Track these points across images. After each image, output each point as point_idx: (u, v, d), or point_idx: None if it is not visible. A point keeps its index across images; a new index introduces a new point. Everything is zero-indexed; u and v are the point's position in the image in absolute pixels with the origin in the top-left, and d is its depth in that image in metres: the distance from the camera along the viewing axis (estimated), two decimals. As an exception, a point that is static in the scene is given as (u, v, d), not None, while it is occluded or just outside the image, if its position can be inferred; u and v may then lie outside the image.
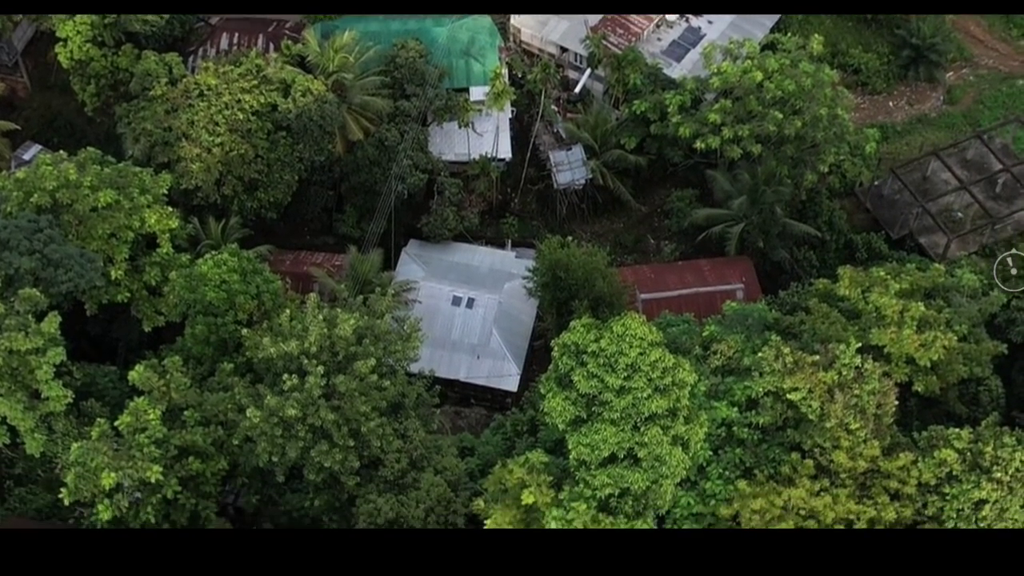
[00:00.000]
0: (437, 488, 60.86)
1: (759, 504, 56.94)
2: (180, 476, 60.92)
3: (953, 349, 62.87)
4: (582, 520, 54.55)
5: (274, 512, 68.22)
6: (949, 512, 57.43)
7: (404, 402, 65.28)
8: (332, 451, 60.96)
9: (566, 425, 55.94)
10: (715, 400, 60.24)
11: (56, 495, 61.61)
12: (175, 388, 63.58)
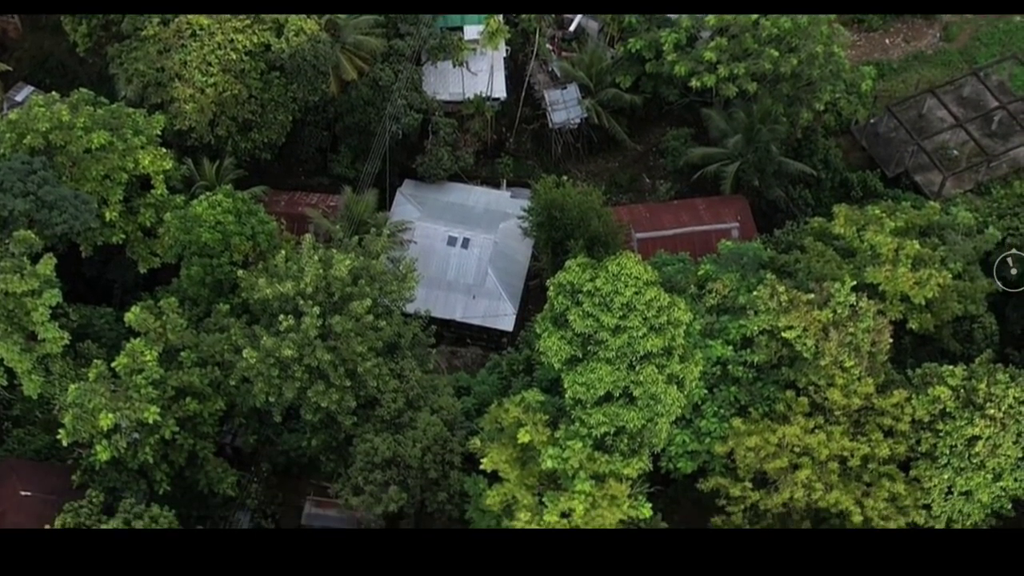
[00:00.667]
0: (433, 427, 61.17)
1: (754, 441, 57.34)
2: (178, 417, 61.20)
3: (948, 287, 62.99)
4: (578, 458, 54.91)
5: (272, 452, 68.65)
6: (942, 449, 57.84)
7: (400, 342, 65.46)
8: (329, 391, 61.21)
9: (562, 364, 56.16)
10: (710, 339, 60.45)
11: (54, 436, 61.94)
12: (171, 329, 63.71)
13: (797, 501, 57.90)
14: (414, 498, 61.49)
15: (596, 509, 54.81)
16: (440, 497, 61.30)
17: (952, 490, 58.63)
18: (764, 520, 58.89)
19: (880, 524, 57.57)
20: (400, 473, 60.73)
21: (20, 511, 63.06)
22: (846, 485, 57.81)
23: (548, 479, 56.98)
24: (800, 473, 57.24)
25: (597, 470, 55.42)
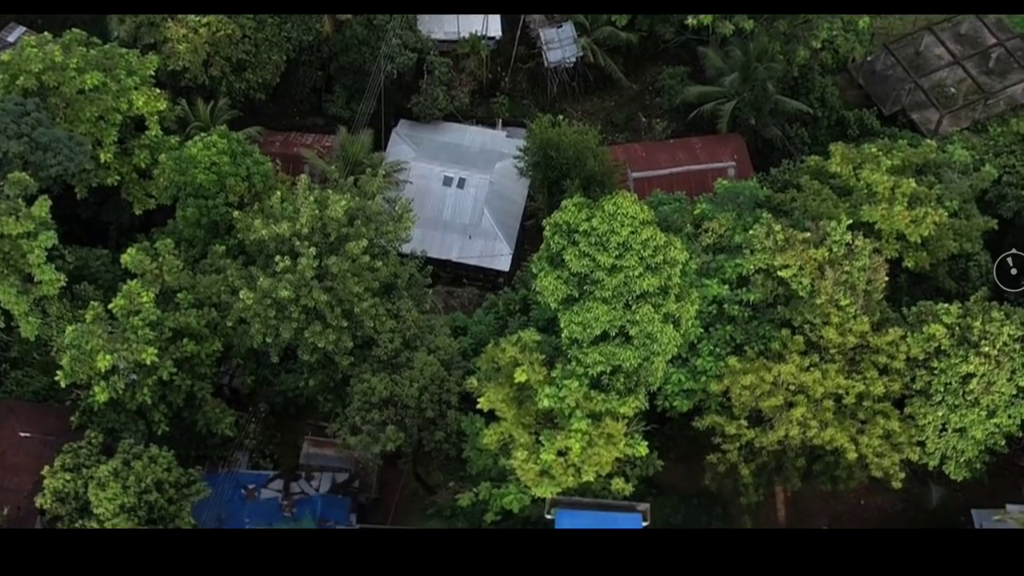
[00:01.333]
0: (431, 367, 61.38)
1: (749, 380, 57.55)
2: (175, 358, 61.37)
3: (943, 225, 63.01)
4: (574, 397, 55.16)
5: (269, 392, 68.88)
6: (937, 386, 58.10)
7: (396, 282, 65.52)
8: (325, 332, 61.35)
9: (558, 304, 56.26)
10: (706, 278, 60.52)
11: (52, 378, 62.13)
12: (167, 271, 63.74)
13: (792, 439, 58.26)
14: (411, 437, 61.83)
15: (592, 447, 55.16)
16: (437, 436, 61.65)
17: (946, 427, 58.98)
18: (759, 458, 59.28)
19: (874, 461, 57.98)
20: (397, 413, 61.00)
21: (19, 452, 63.46)
22: (841, 423, 58.13)
23: (545, 418, 57.28)
24: (795, 411, 57.53)
25: (593, 409, 55.70)
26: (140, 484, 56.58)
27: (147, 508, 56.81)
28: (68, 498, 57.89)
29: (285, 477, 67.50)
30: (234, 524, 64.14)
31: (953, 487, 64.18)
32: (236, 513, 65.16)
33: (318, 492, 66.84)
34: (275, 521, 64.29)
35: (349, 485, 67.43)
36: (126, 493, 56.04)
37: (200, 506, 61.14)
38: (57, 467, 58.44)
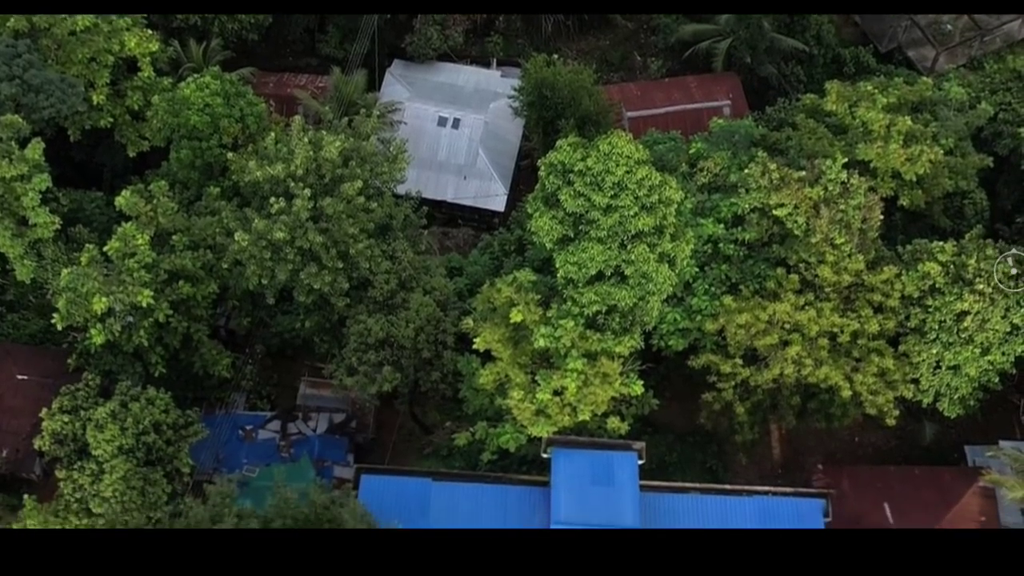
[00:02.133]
0: (426, 308, 61.47)
1: (744, 319, 57.70)
2: (171, 300, 61.40)
3: (939, 163, 62.92)
4: (570, 337, 55.33)
5: (265, 334, 69.00)
6: (931, 324, 58.31)
7: (392, 223, 65.46)
8: (321, 273, 61.38)
9: (553, 244, 56.30)
10: (701, 217, 60.51)
11: (49, 320, 62.18)
12: (162, 213, 63.61)
13: (787, 377, 58.53)
14: (408, 378, 62.04)
15: (588, 387, 55.41)
16: (434, 376, 61.87)
17: (940, 364, 59.23)
18: (754, 396, 59.57)
19: (869, 399, 58.29)
20: (394, 353, 61.18)
21: (17, 395, 63.71)
22: (836, 361, 58.36)
23: (541, 358, 57.49)
24: (790, 349, 57.75)
25: (589, 348, 55.90)
26: (138, 426, 56.80)
27: (145, 449, 57.09)
28: (66, 440, 58.14)
29: (282, 418, 67.80)
30: (232, 465, 64.49)
31: (947, 424, 64.57)
32: (234, 454, 65.52)
33: (315, 433, 67.16)
34: (273, 461, 64.65)
35: (346, 425, 67.76)
36: (124, 435, 56.27)
37: (198, 447, 61.45)
38: (55, 409, 58.63)
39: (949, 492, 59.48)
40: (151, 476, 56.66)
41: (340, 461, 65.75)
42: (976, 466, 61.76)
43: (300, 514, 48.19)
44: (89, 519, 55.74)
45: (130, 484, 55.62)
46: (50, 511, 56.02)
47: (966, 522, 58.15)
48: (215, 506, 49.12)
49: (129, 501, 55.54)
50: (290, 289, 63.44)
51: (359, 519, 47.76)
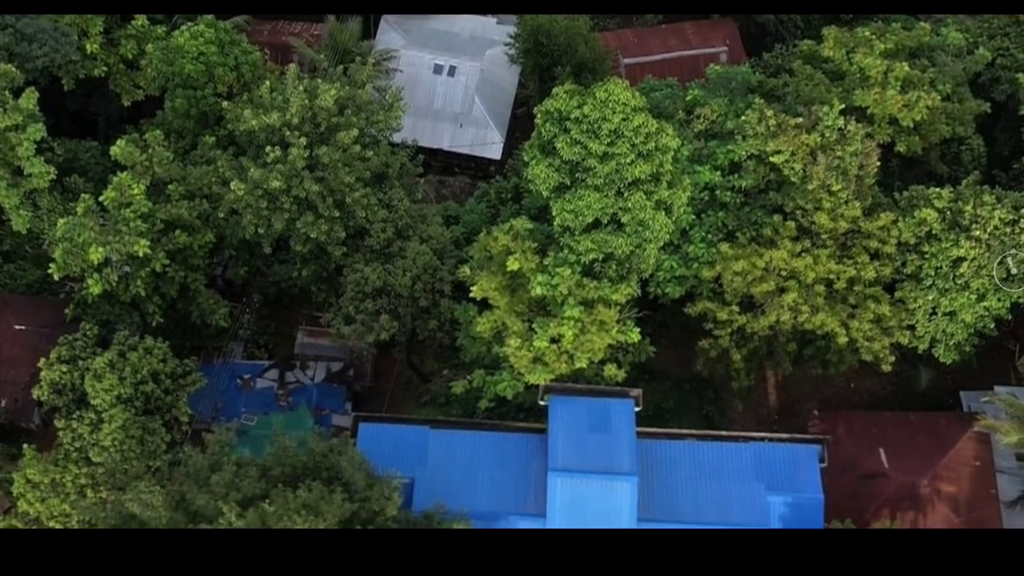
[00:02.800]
0: (423, 256, 61.47)
1: (741, 266, 57.73)
2: (168, 249, 61.36)
3: (936, 109, 62.75)
4: (567, 285, 55.38)
5: (263, 283, 69.05)
6: (927, 270, 58.38)
7: (388, 172, 65.34)
8: (317, 222, 61.33)
9: (550, 192, 56.22)
10: (698, 164, 60.42)
11: (45, 271, 62.16)
12: (158, 162, 63.44)
13: (783, 324, 58.64)
14: (405, 326, 62.15)
15: (585, 334, 55.52)
16: (431, 325, 61.97)
17: (936, 311, 59.36)
18: (751, 343, 59.71)
19: (865, 345, 58.43)
20: (391, 302, 61.24)
21: (15, 344, 63.81)
22: (832, 307, 58.46)
23: (537, 306, 57.57)
24: (787, 296, 57.83)
25: (586, 296, 55.97)
26: (136, 375, 56.94)
27: (144, 399, 57.27)
28: (65, 390, 58.31)
29: (280, 367, 67.99)
30: (230, 414, 64.74)
31: (942, 370, 64.74)
32: (232, 403, 65.77)
33: (313, 381, 67.38)
34: (271, 410, 64.89)
35: (344, 374, 67.97)
36: (122, 384, 56.42)
37: (196, 396, 61.65)
38: (53, 359, 58.74)
39: (944, 437, 59.76)
40: (150, 425, 56.87)
41: (338, 409, 66.02)
42: (971, 412, 62.01)
43: (299, 462, 48.41)
44: (89, 468, 55.98)
45: (129, 433, 55.83)
46: (49, 460, 56.27)
47: (961, 467, 58.50)
48: (214, 454, 49.32)
49: (128, 450, 55.77)
50: (287, 238, 63.40)
51: (357, 467, 47.96)
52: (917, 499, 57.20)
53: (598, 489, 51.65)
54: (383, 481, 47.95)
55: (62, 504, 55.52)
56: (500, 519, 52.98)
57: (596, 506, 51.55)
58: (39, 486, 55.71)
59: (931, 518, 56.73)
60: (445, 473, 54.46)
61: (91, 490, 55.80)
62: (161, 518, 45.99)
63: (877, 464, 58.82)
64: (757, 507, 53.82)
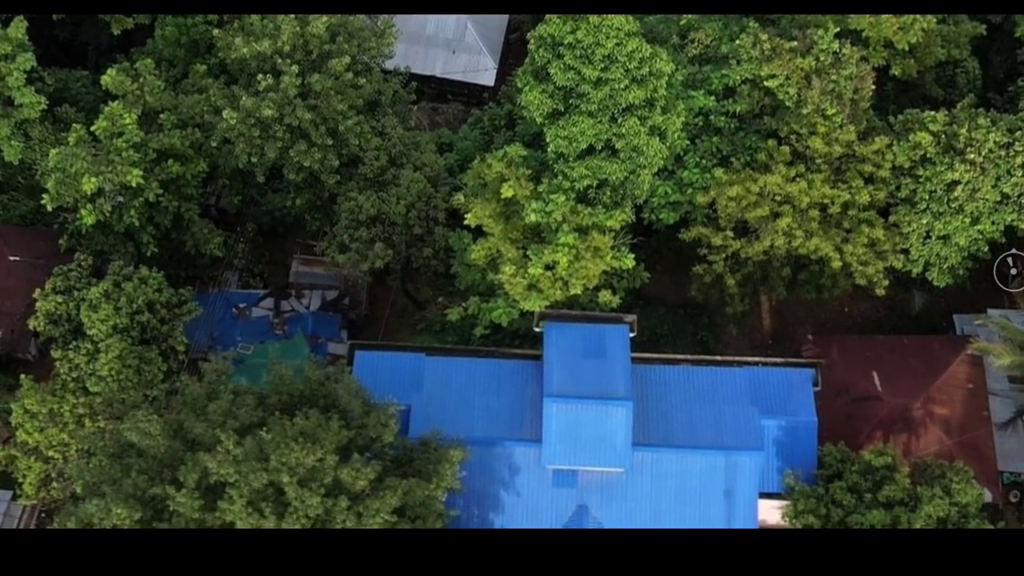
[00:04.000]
0: (417, 184, 61.36)
1: (735, 191, 57.67)
2: (160, 179, 61.20)
3: (931, 31, 62.36)
4: (561, 212, 55.35)
5: (256, 212, 68.96)
6: (922, 194, 58.35)
7: (381, 99, 65.01)
8: (311, 150, 61.12)
9: (543, 118, 55.99)
10: (692, 89, 60.14)
11: (39, 201, 62.06)
12: (149, 91, 63.07)
13: (778, 249, 58.69)
14: (399, 254, 62.20)
15: (580, 261, 55.59)
16: (425, 253, 62.02)
17: (930, 234, 59.42)
18: (745, 268, 59.81)
19: (859, 269, 58.53)
20: (385, 230, 61.22)
21: (10, 276, 63.86)
22: (826, 232, 58.49)
23: (532, 233, 57.58)
24: (781, 221, 57.83)
25: (580, 223, 55.96)
26: (132, 305, 57.02)
27: (139, 328, 57.40)
28: (61, 320, 58.44)
29: (275, 295, 68.12)
30: (227, 343, 64.99)
31: (936, 293, 64.98)
32: (228, 332, 65.96)
33: (308, 310, 67.54)
34: (267, 339, 65.09)
35: (339, 302, 68.11)
36: (118, 314, 56.52)
37: (192, 326, 61.84)
38: (48, 290, 58.82)
39: (937, 360, 60.09)
40: (146, 354, 57.05)
41: (334, 337, 66.23)
42: (964, 334, 62.33)
43: (295, 390, 48.69)
44: (86, 398, 56.27)
45: (126, 363, 56.03)
46: (47, 390, 56.52)
47: (953, 389, 58.89)
48: (211, 383, 49.58)
49: (125, 379, 56.00)
50: (280, 167, 63.24)
51: (354, 394, 48.26)
52: (910, 422, 57.65)
53: (593, 414, 51.96)
54: (380, 408, 48.27)
55: (60, 434, 55.86)
56: (496, 445, 53.37)
57: (591, 431, 51.92)
58: (37, 416, 56.01)
59: (924, 440, 57.22)
60: (441, 400, 54.76)
61: (89, 420, 56.13)
62: (159, 447, 46.32)
63: (870, 387, 59.18)
64: (751, 431, 54.23)
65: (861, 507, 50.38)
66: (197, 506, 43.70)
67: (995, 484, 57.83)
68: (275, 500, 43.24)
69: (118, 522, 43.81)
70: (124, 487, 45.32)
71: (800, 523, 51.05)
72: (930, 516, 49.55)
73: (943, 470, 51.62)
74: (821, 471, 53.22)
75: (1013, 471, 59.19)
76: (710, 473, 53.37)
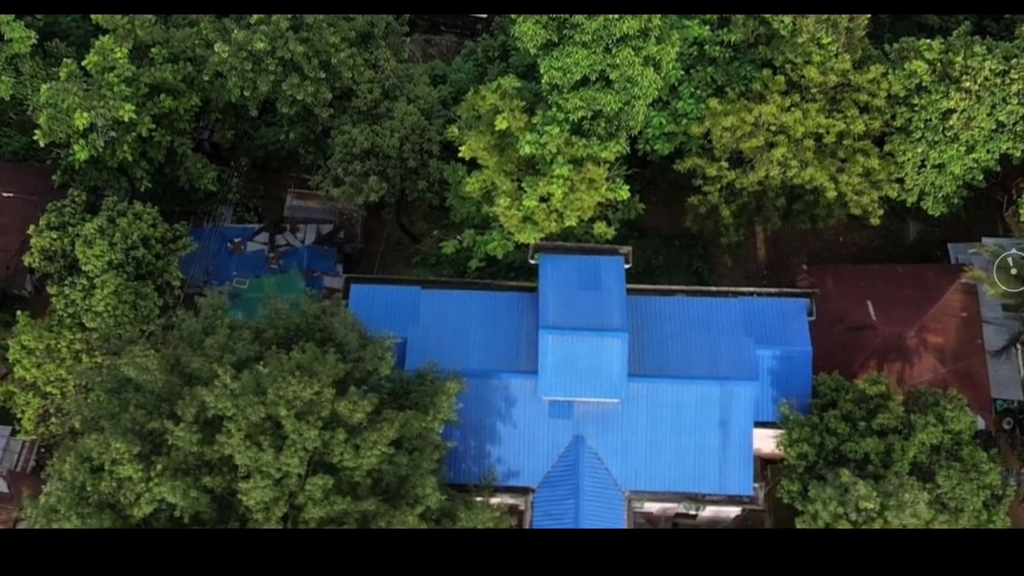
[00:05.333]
0: (411, 116, 61.14)
1: (730, 121, 57.49)
2: (153, 114, 60.91)
3: (928, -42, 61.93)
4: (555, 143, 55.20)
5: (250, 146, 68.80)
6: (917, 123, 58.19)
7: (373, 32, 64.57)
8: (303, 83, 60.79)
9: (537, 49, 55.70)
10: (687, 19, 59.72)
11: (31, 137, 61.81)
12: (140, 25, 62.60)
13: (772, 179, 58.67)
14: (394, 187, 62.11)
15: (574, 193, 55.55)
16: (420, 186, 61.93)
17: (925, 163, 59.36)
18: (740, 198, 59.80)
19: (854, 199, 58.57)
20: (379, 163, 61.08)
21: (3, 212, 63.85)
22: (821, 162, 58.43)
23: (527, 165, 57.47)
24: (776, 151, 57.73)
25: (575, 154, 55.84)
26: (126, 240, 56.99)
27: (135, 264, 57.41)
28: (56, 256, 58.43)
29: (270, 230, 68.08)
30: (222, 278, 65.08)
31: (930, 222, 65.02)
32: (223, 266, 66.00)
33: (303, 244, 67.55)
34: (262, 273, 65.15)
35: (334, 236, 68.10)
36: (113, 250, 56.51)
37: (187, 260, 61.88)
38: (42, 226, 58.74)
39: (931, 289, 60.30)
40: (142, 290, 57.12)
41: (329, 271, 66.31)
42: (959, 263, 62.49)
43: (291, 324, 48.81)
44: (83, 333, 56.42)
45: (121, 298, 56.12)
46: (44, 326, 56.65)
47: (947, 318, 59.15)
48: (207, 318, 49.69)
49: (121, 315, 56.12)
50: (273, 101, 62.93)
51: (350, 328, 48.39)
52: (904, 350, 57.95)
53: (589, 345, 52.16)
54: (376, 341, 48.43)
55: (58, 369, 56.08)
56: (492, 377, 53.61)
57: (587, 362, 52.13)
58: (34, 352, 56.19)
59: (918, 369, 57.54)
60: (437, 332, 54.93)
61: (86, 355, 56.31)
62: (157, 381, 46.51)
63: (865, 316, 59.42)
64: (746, 360, 54.46)
65: (855, 435, 50.78)
66: (195, 440, 43.95)
67: (988, 411, 58.28)
68: (273, 433, 43.50)
69: (117, 456, 44.07)
70: (123, 422, 45.55)
71: (794, 452, 51.46)
72: (923, 443, 50.00)
73: (937, 398, 51.98)
74: (815, 400, 53.56)
75: (1006, 398, 59.64)
76: (705, 403, 53.67)
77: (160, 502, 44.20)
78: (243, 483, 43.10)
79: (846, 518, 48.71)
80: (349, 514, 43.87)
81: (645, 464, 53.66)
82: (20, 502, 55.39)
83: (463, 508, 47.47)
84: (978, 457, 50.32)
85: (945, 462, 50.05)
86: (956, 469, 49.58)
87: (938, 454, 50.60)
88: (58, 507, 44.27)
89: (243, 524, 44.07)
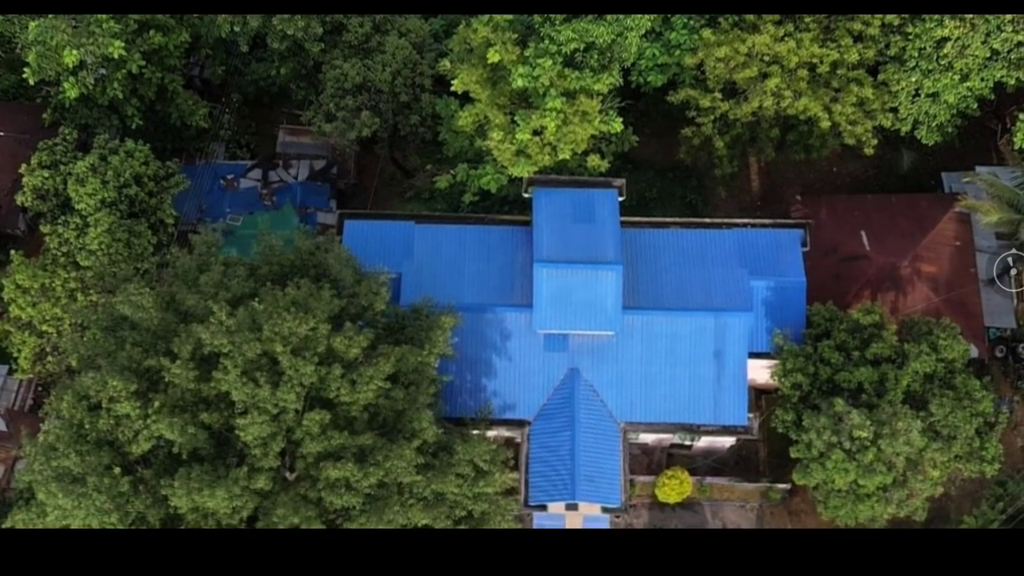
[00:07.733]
0: (402, 50, 60.76)
1: (723, 52, 57.17)
2: (143, 50, 60.49)
3: None
4: (548, 76, 54.94)
5: (241, 82, 68.35)
6: (911, 51, 57.88)
7: (363, -36, 64.08)
8: (294, 18, 60.35)
9: (528, -19, 55.28)
10: (679, -52, 59.27)
11: (20, 75, 61.38)
12: (127, -40, 62.07)
13: (766, 109, 58.46)
14: (386, 122, 61.87)
15: (568, 125, 55.38)
16: (412, 120, 61.69)
17: (919, 92, 59.14)
18: (733, 129, 59.64)
19: (847, 129, 58.40)
20: (371, 98, 60.80)
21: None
22: (815, 92, 58.19)
23: (519, 98, 57.23)
24: (769, 81, 57.47)
25: (568, 87, 55.59)
26: (119, 178, 56.85)
27: (128, 202, 57.31)
28: (48, 195, 58.31)
29: (263, 166, 67.88)
30: (215, 215, 65.01)
31: (924, 151, 64.91)
32: (217, 203, 65.90)
33: (296, 180, 67.38)
34: (256, 209, 65.06)
35: (327, 172, 67.93)
36: (105, 188, 56.38)
37: (181, 198, 61.75)
38: (34, 164, 58.56)
39: (925, 218, 60.36)
40: (136, 228, 57.05)
41: (323, 207, 66.21)
42: (952, 192, 62.52)
43: (286, 260, 48.84)
44: (77, 272, 56.39)
45: (115, 236, 56.06)
46: (38, 265, 56.62)
47: (941, 247, 59.26)
48: (201, 255, 49.67)
49: (115, 253, 56.09)
50: (263, 35, 62.52)
51: (344, 263, 48.42)
52: (898, 279, 58.12)
53: (583, 278, 52.27)
54: (370, 277, 48.50)
55: (53, 308, 56.12)
56: (487, 311, 53.77)
57: (581, 295, 52.27)
58: (29, 291, 56.22)
59: (911, 298, 57.74)
60: (431, 267, 55.03)
61: (81, 294, 56.34)
62: (152, 319, 46.57)
63: (858, 246, 59.50)
64: (740, 292, 54.64)
65: (849, 365, 51.08)
66: (192, 377, 44.11)
67: (981, 340, 58.59)
68: (269, 369, 43.67)
69: (115, 394, 44.23)
70: (119, 360, 45.68)
71: (788, 382, 51.76)
72: (917, 372, 50.30)
73: (930, 327, 52.23)
74: (809, 330, 53.80)
75: (999, 327, 59.90)
76: (700, 334, 53.91)
77: (158, 439, 44.44)
78: (240, 419, 43.31)
79: (840, 447, 49.15)
80: (347, 448, 44.15)
81: (640, 396, 53.99)
82: (19, 440, 55.71)
83: (460, 441, 47.79)
84: (971, 385, 50.69)
85: (938, 390, 50.41)
86: (949, 397, 49.96)
87: (931, 383, 50.94)
88: (57, 445, 44.50)
89: (241, 460, 44.35)
